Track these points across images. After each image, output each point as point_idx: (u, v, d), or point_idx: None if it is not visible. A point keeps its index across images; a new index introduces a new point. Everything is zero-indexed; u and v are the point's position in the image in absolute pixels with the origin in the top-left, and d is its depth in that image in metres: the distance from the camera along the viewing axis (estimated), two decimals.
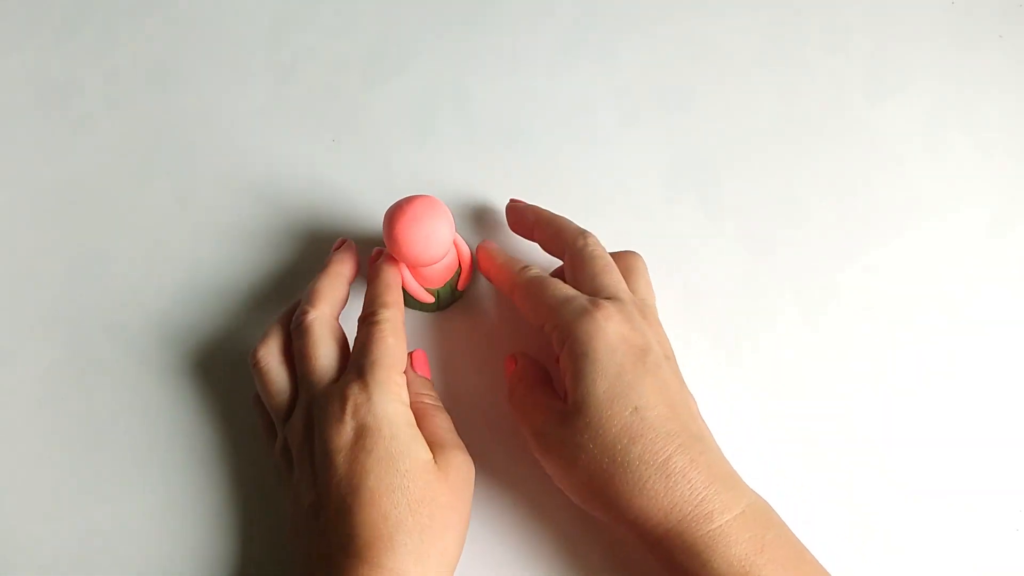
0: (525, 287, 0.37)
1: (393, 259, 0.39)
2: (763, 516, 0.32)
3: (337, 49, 0.49)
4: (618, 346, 0.33)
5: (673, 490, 0.31)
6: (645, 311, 0.36)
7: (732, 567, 0.30)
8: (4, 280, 0.44)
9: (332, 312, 0.38)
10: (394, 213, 0.36)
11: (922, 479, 0.40)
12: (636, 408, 0.32)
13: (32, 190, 0.45)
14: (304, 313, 0.37)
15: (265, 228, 0.45)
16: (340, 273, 0.40)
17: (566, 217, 0.40)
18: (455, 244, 0.40)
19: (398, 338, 0.37)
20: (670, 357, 0.35)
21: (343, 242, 0.42)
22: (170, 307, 0.43)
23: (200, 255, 0.44)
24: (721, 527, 0.30)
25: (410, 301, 0.41)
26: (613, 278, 0.36)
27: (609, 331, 0.33)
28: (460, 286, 0.41)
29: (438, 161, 0.46)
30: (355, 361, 0.36)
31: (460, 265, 0.41)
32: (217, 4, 0.50)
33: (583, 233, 0.39)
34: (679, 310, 0.39)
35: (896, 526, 0.39)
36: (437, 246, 0.36)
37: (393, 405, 0.34)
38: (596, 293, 0.36)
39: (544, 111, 0.47)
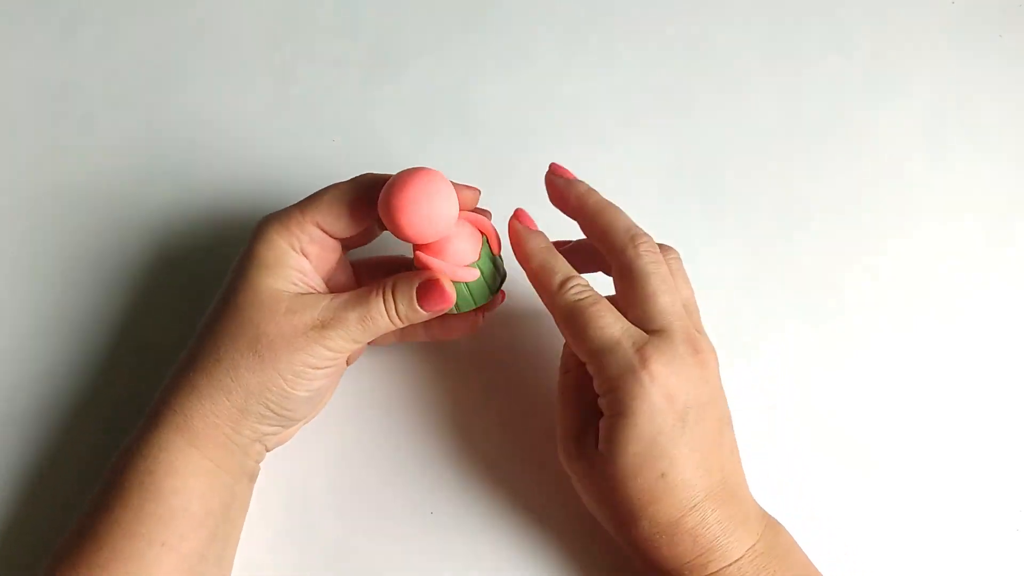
0: (565, 314, 0.33)
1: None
2: (766, 553, 0.32)
3: (337, 49, 0.49)
4: (660, 408, 0.31)
5: (676, 546, 0.32)
6: (696, 341, 0.33)
7: None
8: (4, 280, 0.44)
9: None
10: (390, 201, 0.32)
11: (922, 479, 0.40)
12: (663, 474, 0.31)
13: (32, 190, 0.45)
14: None
15: None
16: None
17: (616, 207, 0.36)
18: (468, 218, 0.36)
19: (342, 197, 0.34)
20: (713, 400, 0.33)
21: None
22: (171, 308, 0.43)
23: (200, 255, 0.44)
24: (718, 572, 0.32)
25: (467, 296, 0.35)
26: (667, 300, 0.33)
27: (653, 393, 0.31)
28: (495, 250, 0.36)
29: (438, 161, 0.46)
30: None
31: (483, 233, 0.36)
32: (217, 4, 0.50)
33: (634, 238, 0.34)
34: None
35: (896, 526, 0.39)
36: (447, 216, 0.32)
37: (275, 236, 0.34)
38: (646, 320, 0.33)
39: (544, 111, 0.47)
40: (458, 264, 0.34)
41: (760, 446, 0.40)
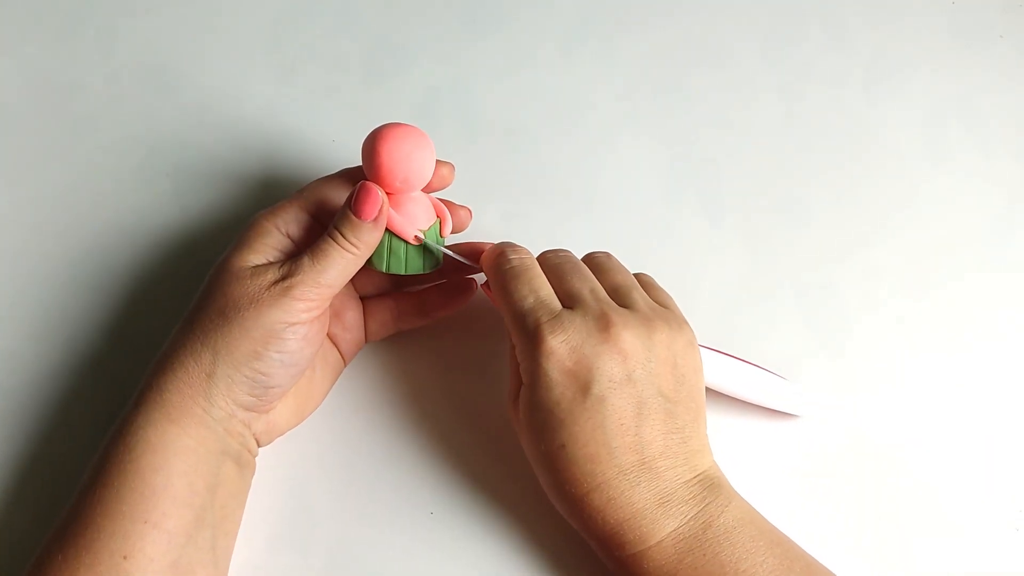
0: (495, 278, 0.36)
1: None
2: (692, 538, 0.32)
3: (337, 49, 0.49)
4: (558, 380, 0.33)
5: (588, 521, 0.33)
6: (607, 318, 0.34)
7: None
8: (4, 280, 0.44)
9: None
10: (376, 135, 0.35)
11: (921, 479, 0.40)
12: (563, 445, 0.33)
13: (32, 190, 0.45)
14: None
15: None
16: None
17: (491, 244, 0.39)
18: (430, 199, 0.38)
19: (327, 184, 0.37)
20: (630, 379, 0.33)
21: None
22: (170, 308, 0.43)
23: (200, 255, 0.44)
24: (633, 556, 0.33)
25: (401, 258, 0.37)
26: (576, 285, 0.36)
27: (552, 364, 0.33)
28: (443, 233, 0.38)
29: None
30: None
31: (439, 217, 0.38)
32: (217, 4, 0.50)
33: (503, 247, 0.38)
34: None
35: (895, 525, 0.39)
36: (422, 165, 0.35)
37: (262, 219, 0.36)
38: (566, 297, 0.35)
39: (544, 111, 0.47)
40: (409, 224, 0.37)
41: (757, 445, 0.40)
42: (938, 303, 0.43)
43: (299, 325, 0.34)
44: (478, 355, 0.42)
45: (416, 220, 0.37)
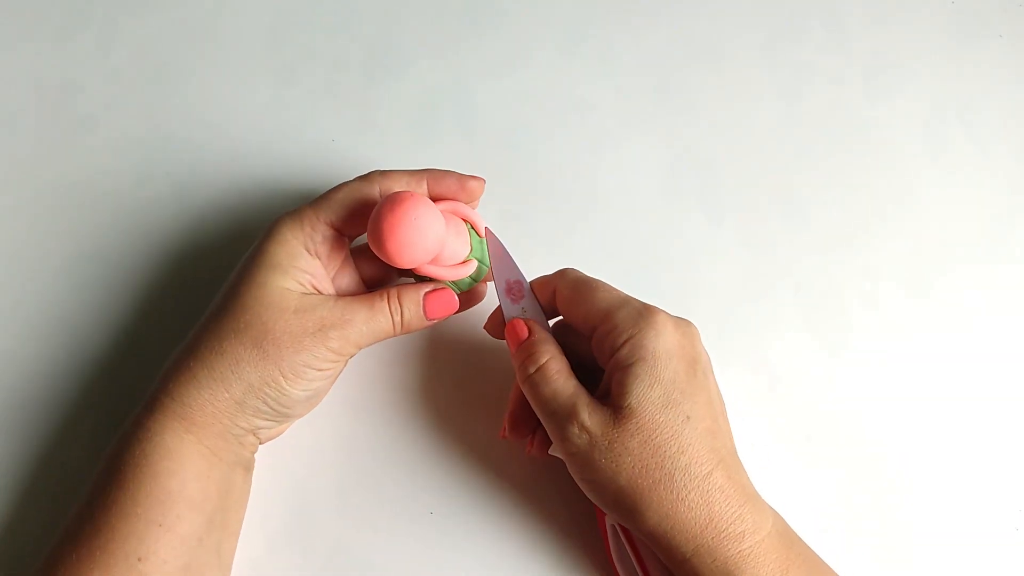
0: (573, 288, 0.35)
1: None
2: (786, 536, 0.32)
3: (337, 49, 0.49)
4: (674, 352, 0.33)
5: (711, 505, 0.31)
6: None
7: None
8: (4, 280, 0.44)
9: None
10: (379, 229, 0.32)
11: (922, 478, 0.40)
12: (688, 417, 0.32)
13: (32, 190, 0.45)
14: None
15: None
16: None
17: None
18: (451, 215, 0.36)
19: (354, 195, 0.36)
20: (711, 366, 0.35)
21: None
22: (170, 308, 0.43)
23: (200, 255, 0.44)
24: (751, 547, 0.31)
25: (466, 280, 0.37)
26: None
27: (667, 336, 0.33)
28: (480, 233, 0.38)
29: (438, 161, 0.46)
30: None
31: (463, 220, 0.37)
32: (217, 4, 0.50)
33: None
34: (678, 310, 0.39)
35: (896, 525, 0.39)
36: (433, 240, 0.33)
37: (290, 235, 0.35)
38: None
39: (544, 111, 0.47)
40: (455, 262, 0.36)
41: (758, 445, 0.40)
42: (938, 302, 0.43)
43: (329, 370, 0.35)
44: (479, 354, 0.42)
45: (458, 253, 0.36)
